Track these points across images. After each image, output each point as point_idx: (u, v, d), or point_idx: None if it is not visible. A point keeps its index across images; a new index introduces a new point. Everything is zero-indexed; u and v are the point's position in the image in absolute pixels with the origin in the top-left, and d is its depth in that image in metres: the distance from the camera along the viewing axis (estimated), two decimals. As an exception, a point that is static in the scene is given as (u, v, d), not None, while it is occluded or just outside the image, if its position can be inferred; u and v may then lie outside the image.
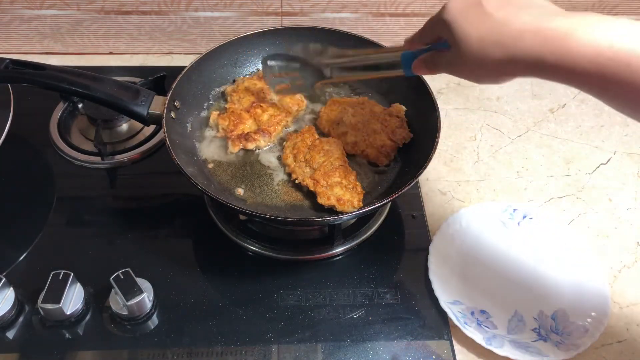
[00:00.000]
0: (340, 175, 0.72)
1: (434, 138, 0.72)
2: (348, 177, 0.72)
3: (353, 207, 0.69)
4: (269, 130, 0.79)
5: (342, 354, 0.67)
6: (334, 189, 0.71)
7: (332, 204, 0.70)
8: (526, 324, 0.71)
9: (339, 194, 0.70)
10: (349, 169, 0.74)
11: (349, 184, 0.71)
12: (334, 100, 0.84)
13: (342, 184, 0.71)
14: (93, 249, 0.77)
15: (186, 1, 1.01)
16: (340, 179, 0.72)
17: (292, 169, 0.75)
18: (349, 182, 0.72)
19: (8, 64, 0.74)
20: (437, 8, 1.10)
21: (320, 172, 0.72)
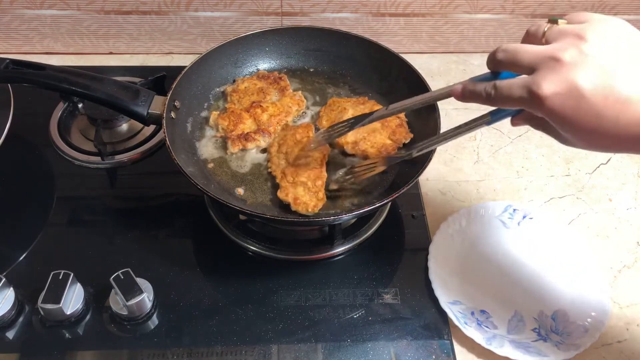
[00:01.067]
0: (308, 176, 0.72)
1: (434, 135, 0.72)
2: (315, 181, 0.71)
3: (307, 211, 0.69)
4: (269, 130, 0.79)
5: (342, 354, 0.67)
6: (296, 187, 0.71)
7: (288, 200, 0.70)
8: (526, 324, 0.71)
9: (298, 194, 0.70)
10: (321, 174, 0.73)
11: (314, 187, 0.71)
12: (334, 100, 0.84)
13: (307, 185, 0.71)
14: (93, 249, 0.77)
15: (186, 1, 1.01)
16: (306, 180, 0.71)
17: (271, 157, 0.75)
18: (314, 185, 0.71)
19: (8, 64, 0.74)
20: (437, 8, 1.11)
21: (291, 167, 0.72)
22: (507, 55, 0.49)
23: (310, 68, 0.91)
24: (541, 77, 0.45)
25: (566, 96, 0.44)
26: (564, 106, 0.45)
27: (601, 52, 0.44)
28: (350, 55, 0.89)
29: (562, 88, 0.44)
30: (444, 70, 1.10)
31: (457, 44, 1.12)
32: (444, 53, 1.13)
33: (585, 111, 0.44)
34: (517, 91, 0.47)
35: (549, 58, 0.45)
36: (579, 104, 0.44)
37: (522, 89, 0.46)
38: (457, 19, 1.07)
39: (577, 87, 0.44)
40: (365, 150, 0.77)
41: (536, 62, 0.46)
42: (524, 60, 0.47)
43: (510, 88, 0.48)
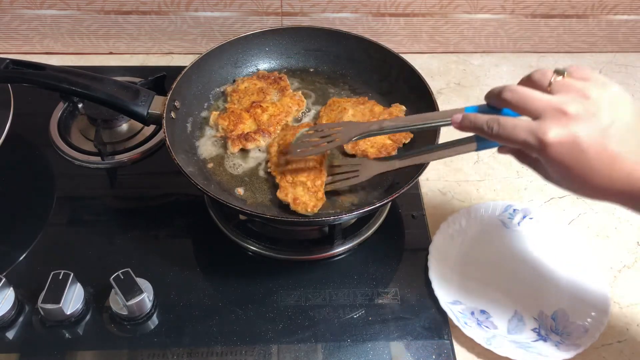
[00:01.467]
0: (308, 176, 0.72)
1: (433, 138, 0.72)
2: (315, 181, 0.71)
3: (306, 211, 0.69)
4: (269, 130, 0.79)
5: (342, 354, 0.67)
6: (296, 187, 0.71)
7: (287, 200, 0.70)
8: (526, 324, 0.71)
9: (298, 194, 0.70)
10: (320, 173, 0.73)
11: (313, 187, 0.71)
12: (334, 100, 0.84)
13: (306, 185, 0.71)
14: (93, 249, 0.77)
15: (186, 1, 1.01)
16: (305, 180, 0.71)
17: (271, 157, 0.75)
18: (313, 185, 0.71)
19: (8, 64, 0.74)
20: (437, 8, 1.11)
21: (291, 167, 0.72)
22: (515, 97, 0.52)
23: (310, 68, 0.91)
24: (547, 125, 0.49)
25: (568, 146, 0.48)
26: (564, 155, 0.49)
27: (600, 113, 0.48)
28: (350, 55, 0.89)
29: (566, 138, 0.48)
30: (444, 70, 1.10)
31: (457, 44, 1.12)
32: (444, 53, 1.13)
33: (581, 163, 0.49)
34: (522, 133, 0.50)
35: (556, 109, 0.49)
36: (577, 156, 0.49)
37: (528, 132, 0.50)
38: (457, 19, 1.07)
39: (578, 140, 0.48)
40: (365, 150, 0.77)
41: (544, 110, 0.50)
42: (533, 106, 0.50)
43: (515, 128, 0.51)
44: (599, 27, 1.10)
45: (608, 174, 0.49)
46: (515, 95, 0.52)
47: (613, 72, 1.11)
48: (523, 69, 1.11)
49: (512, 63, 1.12)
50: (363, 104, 0.82)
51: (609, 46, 1.14)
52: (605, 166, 0.49)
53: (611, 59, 1.14)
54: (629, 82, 1.09)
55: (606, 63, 1.13)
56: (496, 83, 1.07)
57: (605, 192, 0.50)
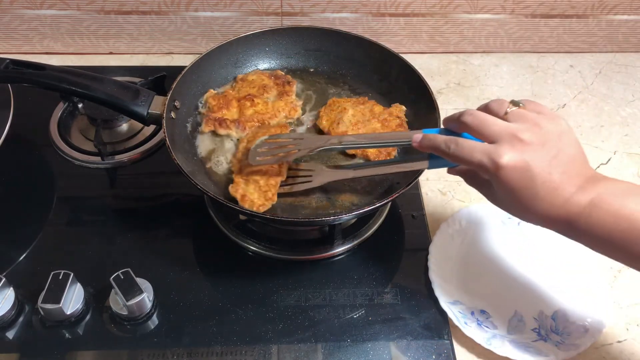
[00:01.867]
0: (262, 175, 0.71)
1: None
2: (269, 181, 0.71)
3: (251, 208, 0.68)
4: (245, 125, 0.79)
5: (342, 354, 0.67)
6: (248, 185, 0.70)
7: (236, 196, 0.69)
8: (526, 324, 0.71)
9: (248, 191, 0.70)
10: (277, 175, 0.71)
11: (265, 186, 0.70)
12: (334, 100, 0.84)
13: (259, 184, 0.70)
14: (93, 249, 0.77)
15: (186, 1, 1.01)
16: (259, 179, 0.70)
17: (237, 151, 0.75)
18: (266, 184, 0.70)
19: (8, 64, 0.74)
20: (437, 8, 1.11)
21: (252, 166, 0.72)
22: (474, 121, 0.55)
23: (310, 68, 0.91)
24: (503, 149, 0.52)
25: (520, 171, 0.52)
26: (515, 179, 0.52)
27: (549, 143, 0.52)
28: (350, 55, 0.89)
29: (519, 163, 0.51)
30: (444, 70, 1.10)
31: (457, 44, 1.12)
32: (444, 53, 1.13)
33: (529, 188, 0.52)
34: (478, 155, 0.53)
35: (512, 135, 0.52)
36: (527, 181, 0.52)
37: (484, 154, 0.53)
38: (457, 19, 1.07)
39: (529, 166, 0.51)
40: (364, 150, 0.77)
41: (500, 135, 0.53)
42: (490, 130, 0.54)
43: (472, 150, 0.54)
44: (599, 27, 1.10)
45: (549, 200, 0.52)
46: (474, 119, 0.55)
47: (613, 72, 1.11)
48: (523, 69, 1.11)
49: (512, 63, 1.12)
50: (363, 104, 0.82)
51: (609, 46, 1.14)
52: (548, 193, 0.52)
53: (611, 59, 1.14)
54: (629, 82, 1.09)
55: (606, 63, 1.13)
56: (496, 83, 1.08)
57: (545, 218, 0.54)
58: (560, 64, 1.13)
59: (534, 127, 0.53)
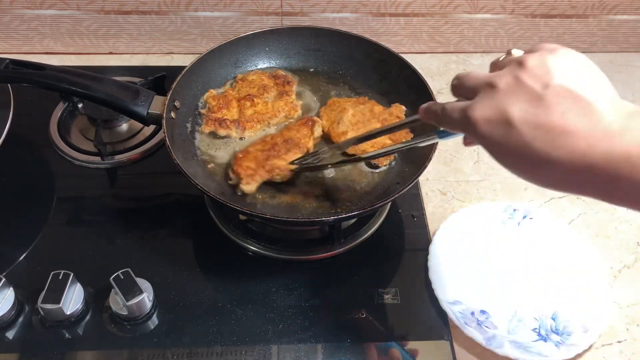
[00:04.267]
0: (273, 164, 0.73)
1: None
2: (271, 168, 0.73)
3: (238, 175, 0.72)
4: (245, 126, 0.79)
5: (342, 354, 0.67)
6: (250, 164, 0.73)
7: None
8: (526, 324, 0.71)
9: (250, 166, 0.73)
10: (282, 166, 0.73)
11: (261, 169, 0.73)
12: (335, 100, 0.84)
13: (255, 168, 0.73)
14: (93, 249, 0.77)
15: (186, 1, 1.01)
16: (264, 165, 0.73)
17: None
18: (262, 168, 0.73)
19: (8, 64, 0.74)
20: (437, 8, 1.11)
21: None
22: (457, 82, 0.49)
23: (310, 68, 0.91)
24: (477, 102, 0.45)
25: (496, 123, 0.43)
26: (492, 133, 0.44)
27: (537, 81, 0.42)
28: (350, 55, 0.89)
29: (492, 114, 0.43)
30: (444, 70, 1.10)
31: (457, 44, 1.12)
32: (444, 53, 1.13)
33: (514, 140, 0.43)
34: (455, 114, 0.47)
35: (487, 84, 0.45)
36: (507, 132, 0.43)
37: (460, 112, 0.46)
38: (457, 19, 1.07)
39: (506, 115, 0.43)
40: (365, 150, 0.77)
41: (477, 87, 0.46)
42: (468, 85, 0.47)
43: (452, 111, 0.48)
44: (599, 27, 1.10)
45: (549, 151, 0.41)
46: (457, 80, 0.49)
47: (613, 72, 1.11)
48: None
49: (512, 63, 1.12)
50: (363, 104, 0.82)
51: (609, 46, 1.14)
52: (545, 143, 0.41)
53: (611, 59, 1.14)
54: (629, 81, 1.09)
55: (606, 63, 1.13)
56: (496, 83, 1.07)
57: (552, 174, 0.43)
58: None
59: (516, 68, 0.43)
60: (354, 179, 0.76)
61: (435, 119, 0.51)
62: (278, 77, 0.86)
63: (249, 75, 0.86)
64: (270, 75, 0.86)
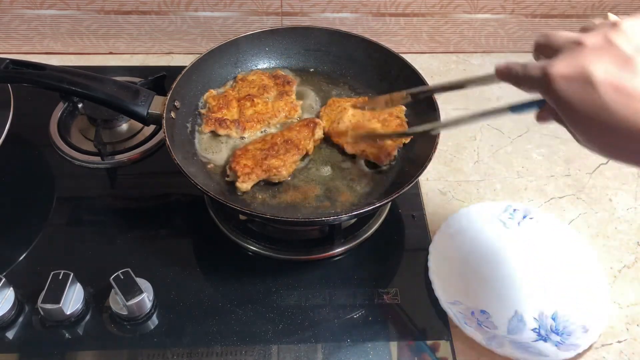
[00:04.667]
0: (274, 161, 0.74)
1: (433, 138, 0.72)
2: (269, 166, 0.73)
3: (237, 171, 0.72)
4: (245, 125, 0.79)
5: (342, 354, 0.67)
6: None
7: None
8: (526, 324, 0.71)
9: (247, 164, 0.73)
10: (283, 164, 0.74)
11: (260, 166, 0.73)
12: (334, 100, 0.84)
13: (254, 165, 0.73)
14: (93, 249, 0.77)
15: (186, 1, 1.01)
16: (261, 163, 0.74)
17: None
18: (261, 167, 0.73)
19: (8, 64, 0.74)
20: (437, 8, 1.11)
21: None
22: (544, 39, 0.46)
23: (310, 68, 0.91)
24: (560, 58, 0.42)
25: (574, 81, 0.41)
26: (569, 91, 0.41)
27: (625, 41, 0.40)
28: (350, 55, 0.89)
29: (573, 72, 0.41)
30: (444, 70, 1.10)
31: (457, 44, 1.12)
32: (444, 53, 1.13)
33: (591, 101, 0.40)
34: (535, 71, 0.44)
35: (574, 42, 0.42)
36: (586, 92, 0.40)
37: (540, 69, 0.43)
38: (457, 19, 1.07)
39: (588, 74, 0.40)
40: (364, 150, 0.77)
41: (563, 45, 0.43)
42: (554, 43, 0.45)
43: (532, 68, 0.45)
44: (599, 27, 1.10)
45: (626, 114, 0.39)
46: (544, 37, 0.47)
47: (613, 72, 1.11)
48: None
49: (512, 63, 1.12)
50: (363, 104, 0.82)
51: (609, 46, 1.14)
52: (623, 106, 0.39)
53: (611, 59, 1.14)
54: (629, 82, 1.09)
55: (606, 63, 1.13)
56: (496, 83, 1.07)
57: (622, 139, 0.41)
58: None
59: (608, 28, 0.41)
60: (354, 179, 0.76)
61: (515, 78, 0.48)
62: (278, 77, 0.86)
63: (249, 75, 0.86)
64: (270, 75, 0.86)
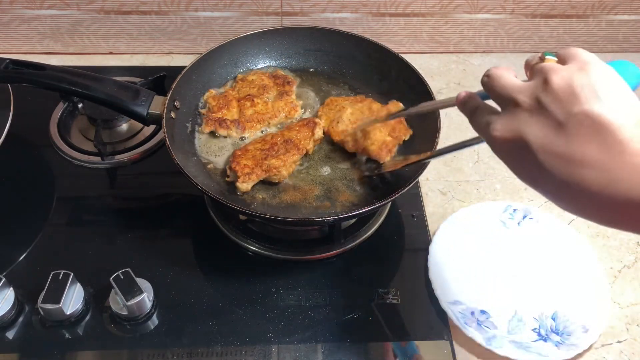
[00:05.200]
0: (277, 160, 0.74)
1: (434, 138, 0.72)
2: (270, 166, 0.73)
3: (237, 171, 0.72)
4: (245, 125, 0.79)
5: (342, 354, 0.67)
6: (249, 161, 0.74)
7: None
8: (526, 324, 0.71)
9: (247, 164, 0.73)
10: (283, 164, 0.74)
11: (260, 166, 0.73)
12: (332, 99, 0.84)
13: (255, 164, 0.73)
14: (93, 249, 0.77)
15: (186, 1, 1.01)
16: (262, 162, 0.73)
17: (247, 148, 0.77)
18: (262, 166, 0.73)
19: (8, 64, 0.74)
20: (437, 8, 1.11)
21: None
22: (487, 81, 0.47)
23: (310, 68, 0.91)
24: (499, 117, 0.44)
25: (512, 145, 0.42)
26: (508, 153, 0.43)
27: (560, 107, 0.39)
28: (350, 55, 0.89)
29: (510, 136, 0.42)
30: (444, 70, 1.10)
31: (457, 44, 1.12)
32: (444, 53, 1.13)
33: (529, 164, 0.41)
34: (482, 124, 0.46)
35: (511, 100, 0.43)
36: (524, 155, 0.41)
37: (485, 125, 0.45)
38: (457, 19, 1.07)
39: (525, 139, 0.41)
40: (365, 147, 0.77)
41: (503, 97, 0.44)
42: (495, 92, 0.45)
43: (480, 118, 0.46)
44: (599, 27, 1.10)
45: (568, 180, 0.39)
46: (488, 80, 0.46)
47: (613, 72, 1.11)
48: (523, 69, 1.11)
49: (512, 63, 1.12)
50: (361, 102, 0.82)
51: (609, 46, 1.14)
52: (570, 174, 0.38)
53: (611, 59, 1.14)
54: (629, 82, 1.09)
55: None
56: (496, 83, 1.07)
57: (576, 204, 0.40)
58: (560, 64, 1.12)
59: (540, 83, 0.41)
60: (354, 179, 0.76)
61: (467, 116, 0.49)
62: (278, 77, 0.86)
63: (249, 75, 0.86)
64: (270, 75, 0.86)
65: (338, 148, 0.79)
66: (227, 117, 0.80)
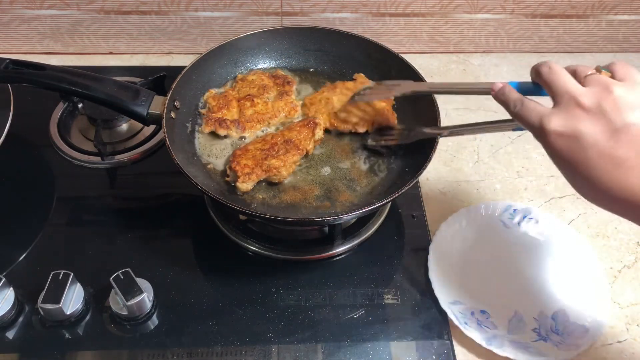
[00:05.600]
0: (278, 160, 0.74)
1: (434, 138, 0.72)
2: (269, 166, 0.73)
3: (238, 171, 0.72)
4: (245, 125, 0.79)
5: (342, 354, 0.67)
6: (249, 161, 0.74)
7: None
8: (526, 324, 0.71)
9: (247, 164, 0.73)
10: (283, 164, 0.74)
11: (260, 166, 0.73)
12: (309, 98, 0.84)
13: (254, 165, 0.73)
14: (93, 249, 0.77)
15: (186, 1, 1.01)
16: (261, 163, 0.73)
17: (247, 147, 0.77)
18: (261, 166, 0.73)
19: (8, 64, 0.74)
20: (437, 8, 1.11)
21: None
22: (548, 75, 0.51)
23: (310, 68, 0.91)
24: (556, 112, 0.48)
25: (567, 140, 0.47)
26: (562, 147, 0.48)
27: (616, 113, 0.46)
28: (350, 55, 0.89)
29: (567, 131, 0.47)
30: (444, 70, 1.10)
31: (457, 44, 1.12)
32: (444, 53, 1.13)
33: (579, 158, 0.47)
34: (532, 116, 0.50)
35: (572, 98, 0.47)
36: (576, 150, 0.47)
37: (537, 117, 0.49)
38: (457, 19, 1.07)
39: (580, 136, 0.46)
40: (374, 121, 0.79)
41: (562, 95, 0.48)
42: (556, 88, 0.49)
43: (531, 111, 0.50)
44: (599, 27, 1.10)
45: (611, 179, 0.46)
46: (548, 72, 0.51)
47: (613, 72, 1.11)
48: (523, 69, 1.11)
49: (512, 63, 1.12)
50: (337, 87, 0.83)
51: (609, 46, 1.14)
52: (608, 171, 0.46)
53: (611, 59, 1.14)
54: (629, 82, 1.09)
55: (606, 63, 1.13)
56: (496, 83, 1.07)
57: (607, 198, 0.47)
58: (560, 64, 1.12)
59: (603, 91, 0.47)
60: (354, 179, 0.76)
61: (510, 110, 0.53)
62: (278, 77, 0.86)
63: (249, 75, 0.86)
64: (270, 75, 0.86)
65: (338, 148, 0.79)
66: (227, 117, 0.80)
